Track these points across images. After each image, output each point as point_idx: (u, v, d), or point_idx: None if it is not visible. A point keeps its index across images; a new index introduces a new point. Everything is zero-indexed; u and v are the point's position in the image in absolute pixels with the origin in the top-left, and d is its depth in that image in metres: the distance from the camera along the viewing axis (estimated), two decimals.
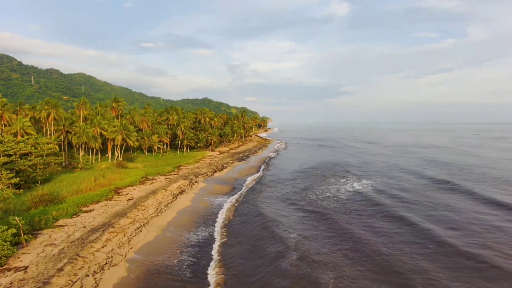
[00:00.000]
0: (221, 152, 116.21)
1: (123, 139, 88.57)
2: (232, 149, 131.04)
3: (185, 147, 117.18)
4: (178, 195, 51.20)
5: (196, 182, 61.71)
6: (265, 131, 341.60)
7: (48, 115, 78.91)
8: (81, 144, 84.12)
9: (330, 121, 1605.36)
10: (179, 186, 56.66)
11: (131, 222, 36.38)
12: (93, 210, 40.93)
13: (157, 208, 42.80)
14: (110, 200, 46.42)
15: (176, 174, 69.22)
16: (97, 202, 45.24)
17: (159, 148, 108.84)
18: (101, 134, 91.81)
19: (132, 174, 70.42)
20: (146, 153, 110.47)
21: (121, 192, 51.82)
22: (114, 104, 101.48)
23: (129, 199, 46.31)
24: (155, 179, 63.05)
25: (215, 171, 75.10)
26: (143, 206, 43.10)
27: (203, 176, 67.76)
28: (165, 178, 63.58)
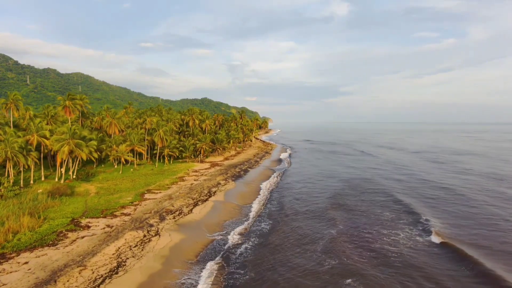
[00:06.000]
0: (213, 164, 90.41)
1: (71, 151, 62.89)
2: (227, 158, 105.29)
3: (166, 158, 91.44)
4: (100, 286, 25.41)
5: (157, 234, 35.88)
6: (266, 132, 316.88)
7: None
8: (7, 159, 58.29)
9: (331, 121, 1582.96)
10: (117, 251, 30.80)
11: None
12: None
13: None
14: None
15: (130, 213, 43.29)
16: None
17: (127, 161, 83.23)
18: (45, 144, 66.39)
19: (64, 211, 44.89)
20: (116, 166, 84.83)
21: None
22: (67, 102, 75.31)
23: None
24: (89, 227, 37.25)
25: (195, 204, 49.25)
26: None
27: (173, 218, 41.90)
28: (106, 226, 37.72)
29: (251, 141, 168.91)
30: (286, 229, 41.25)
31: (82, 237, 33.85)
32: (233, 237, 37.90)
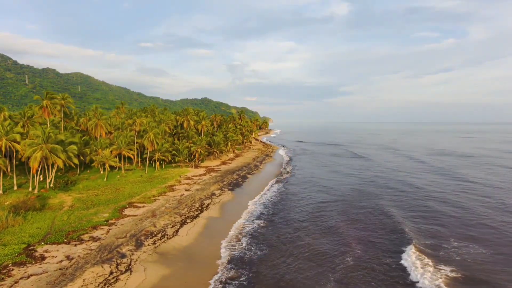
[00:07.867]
0: (208, 170, 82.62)
1: (45, 157, 55.13)
2: (224, 162, 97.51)
3: (157, 163, 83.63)
4: None
5: (128, 269, 27.98)
6: (267, 133, 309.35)
7: None
8: None
9: (331, 121, 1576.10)
10: None
11: None
12: None
13: None
14: None
15: (101, 238, 35.39)
16: None
17: (112, 168, 75.40)
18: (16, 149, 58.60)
19: (23, 232, 37.54)
20: (102, 171, 77.08)
21: None
22: (45, 102, 67.40)
23: None
24: (43, 259, 29.40)
25: (183, 222, 41.45)
26: None
27: (153, 243, 34.05)
28: (65, 258, 29.85)
29: (251, 142, 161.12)
30: (290, 258, 33.49)
31: (28, 277, 26.03)
32: (228, 273, 30.02)
